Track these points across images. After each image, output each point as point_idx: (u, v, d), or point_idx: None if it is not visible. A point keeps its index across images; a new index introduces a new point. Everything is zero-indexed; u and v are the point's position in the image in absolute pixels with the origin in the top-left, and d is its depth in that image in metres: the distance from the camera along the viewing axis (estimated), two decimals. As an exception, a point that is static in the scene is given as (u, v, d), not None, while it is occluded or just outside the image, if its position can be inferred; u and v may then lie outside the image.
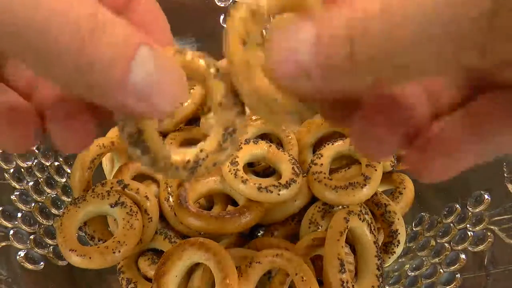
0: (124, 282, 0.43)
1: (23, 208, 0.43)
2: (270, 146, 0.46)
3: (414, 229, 0.49)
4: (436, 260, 0.42)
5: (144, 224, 0.42)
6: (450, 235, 0.43)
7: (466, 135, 0.18)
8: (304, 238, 0.43)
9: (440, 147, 0.18)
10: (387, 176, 0.50)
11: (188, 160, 0.20)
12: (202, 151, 0.20)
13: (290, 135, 0.50)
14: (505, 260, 0.38)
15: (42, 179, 0.46)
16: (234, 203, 0.47)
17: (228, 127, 0.20)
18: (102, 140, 0.48)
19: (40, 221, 0.44)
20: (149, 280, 0.43)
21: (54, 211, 0.46)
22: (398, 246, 0.44)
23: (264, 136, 0.50)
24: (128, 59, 0.16)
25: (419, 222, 0.49)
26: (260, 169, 0.50)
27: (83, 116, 0.20)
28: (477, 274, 0.39)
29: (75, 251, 0.38)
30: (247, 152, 0.45)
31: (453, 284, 0.39)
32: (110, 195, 0.42)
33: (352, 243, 0.43)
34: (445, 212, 0.46)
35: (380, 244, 0.45)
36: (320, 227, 0.44)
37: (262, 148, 0.46)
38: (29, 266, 0.40)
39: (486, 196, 0.42)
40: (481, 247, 0.40)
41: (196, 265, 0.40)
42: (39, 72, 0.17)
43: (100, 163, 0.52)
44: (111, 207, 0.42)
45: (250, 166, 0.50)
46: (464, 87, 0.19)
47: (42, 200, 0.45)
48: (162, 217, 0.46)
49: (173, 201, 0.45)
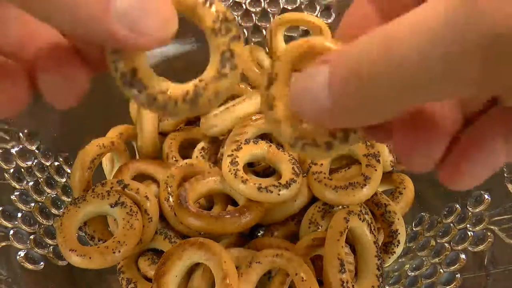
0: (124, 282, 0.43)
1: (23, 208, 0.43)
2: (270, 146, 0.46)
3: (414, 229, 0.49)
4: (436, 260, 0.42)
5: (144, 224, 0.42)
6: (450, 235, 0.43)
7: (494, 137, 0.18)
8: (304, 238, 0.43)
9: (470, 150, 0.19)
10: (387, 176, 0.50)
11: (187, 92, 0.19)
12: (201, 81, 0.19)
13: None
14: (505, 260, 0.38)
15: (42, 179, 0.46)
16: (234, 203, 0.47)
17: (224, 51, 0.19)
18: (102, 140, 0.48)
19: (40, 221, 0.44)
20: (149, 280, 0.43)
21: (54, 211, 0.46)
22: (398, 246, 0.44)
23: (264, 136, 0.50)
24: None
25: (419, 222, 0.49)
26: (260, 169, 0.50)
27: (75, 64, 0.20)
28: (477, 274, 0.39)
29: (75, 251, 0.38)
30: (247, 152, 0.45)
31: (453, 284, 0.39)
32: (110, 195, 0.42)
33: (352, 243, 0.43)
34: (445, 212, 0.46)
35: (380, 244, 0.45)
36: (320, 227, 0.44)
37: (262, 148, 0.46)
38: (29, 266, 0.40)
39: (486, 196, 0.42)
40: (481, 247, 0.40)
41: (196, 265, 0.40)
42: (27, 9, 0.17)
43: (100, 163, 0.52)
44: (111, 207, 0.42)
45: (250, 166, 0.50)
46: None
47: (42, 200, 0.45)
48: (162, 217, 0.46)
49: (173, 201, 0.45)
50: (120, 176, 0.48)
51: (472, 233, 0.41)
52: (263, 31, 0.64)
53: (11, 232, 0.40)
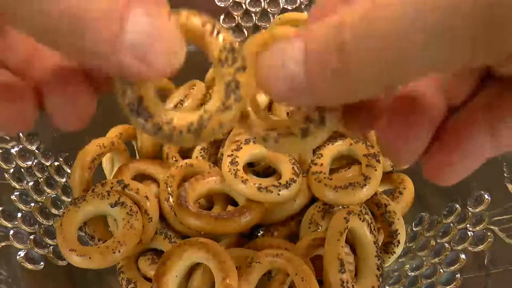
0: (124, 282, 0.43)
1: (23, 208, 0.43)
2: (270, 146, 0.46)
3: (414, 229, 0.49)
4: (436, 260, 0.42)
5: (144, 224, 0.42)
6: (450, 235, 0.43)
7: (479, 128, 0.18)
8: (304, 238, 0.43)
9: (457, 139, 0.18)
10: (387, 176, 0.50)
11: (192, 122, 0.19)
12: (206, 112, 0.19)
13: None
14: (505, 260, 0.38)
15: (42, 179, 0.46)
16: (234, 203, 0.47)
17: (230, 82, 0.19)
18: (102, 140, 0.48)
19: (40, 221, 0.44)
20: (149, 280, 0.43)
21: (54, 211, 0.46)
22: (398, 246, 0.44)
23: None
24: (121, 17, 0.16)
25: (419, 222, 0.49)
26: (260, 169, 0.50)
27: (81, 87, 0.20)
28: (477, 274, 0.39)
29: (75, 251, 0.38)
30: (247, 152, 0.45)
31: (453, 284, 0.39)
32: (110, 195, 0.42)
33: (352, 243, 0.42)
34: (445, 212, 0.46)
35: (380, 244, 0.45)
36: (320, 227, 0.44)
37: (262, 148, 0.46)
38: (29, 266, 0.40)
39: (486, 196, 0.42)
40: (481, 247, 0.40)
41: (196, 265, 0.40)
42: (37, 37, 0.17)
43: (100, 163, 0.52)
44: (111, 207, 0.42)
45: (250, 166, 0.50)
46: (472, 81, 0.19)
47: (42, 200, 0.45)
48: (162, 217, 0.46)
49: (173, 201, 0.45)
50: (120, 176, 0.48)
51: (472, 233, 0.41)
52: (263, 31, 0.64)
53: (11, 232, 0.40)
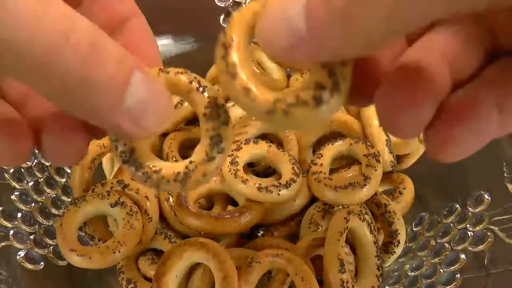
0: (124, 282, 0.43)
1: (23, 208, 0.43)
2: (270, 146, 0.46)
3: (414, 229, 0.49)
4: (436, 260, 0.42)
5: (144, 224, 0.42)
6: (450, 235, 0.43)
7: (486, 102, 0.17)
8: (304, 238, 0.43)
9: (461, 114, 0.17)
10: (387, 176, 0.50)
11: (178, 172, 0.20)
12: (191, 162, 0.21)
13: (290, 135, 0.50)
14: (505, 260, 0.38)
15: (42, 179, 0.46)
16: (234, 203, 0.47)
17: (213, 136, 0.20)
18: (102, 140, 0.48)
19: (40, 221, 0.44)
20: (149, 280, 0.43)
21: (54, 211, 0.46)
22: (398, 246, 0.44)
23: (264, 136, 0.50)
24: (123, 84, 0.17)
25: (419, 222, 0.49)
26: (260, 169, 0.50)
27: (78, 131, 0.21)
28: (477, 274, 0.39)
29: (75, 251, 0.38)
30: (247, 152, 0.45)
31: (453, 284, 0.39)
32: (110, 195, 0.42)
33: (352, 243, 0.43)
34: (445, 212, 0.46)
35: (380, 244, 0.45)
36: (320, 227, 0.44)
37: (262, 148, 0.46)
38: (29, 266, 0.40)
39: (486, 196, 0.42)
40: (481, 247, 0.40)
41: (196, 265, 0.40)
42: (40, 91, 0.17)
43: (100, 163, 0.52)
44: (111, 207, 0.42)
45: (250, 166, 0.50)
46: (478, 56, 0.19)
47: (42, 200, 0.45)
48: (162, 217, 0.46)
49: (173, 201, 0.45)
50: (120, 176, 0.48)
51: (472, 233, 0.41)
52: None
53: (11, 232, 0.40)
